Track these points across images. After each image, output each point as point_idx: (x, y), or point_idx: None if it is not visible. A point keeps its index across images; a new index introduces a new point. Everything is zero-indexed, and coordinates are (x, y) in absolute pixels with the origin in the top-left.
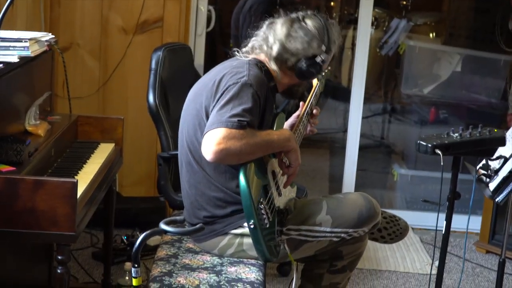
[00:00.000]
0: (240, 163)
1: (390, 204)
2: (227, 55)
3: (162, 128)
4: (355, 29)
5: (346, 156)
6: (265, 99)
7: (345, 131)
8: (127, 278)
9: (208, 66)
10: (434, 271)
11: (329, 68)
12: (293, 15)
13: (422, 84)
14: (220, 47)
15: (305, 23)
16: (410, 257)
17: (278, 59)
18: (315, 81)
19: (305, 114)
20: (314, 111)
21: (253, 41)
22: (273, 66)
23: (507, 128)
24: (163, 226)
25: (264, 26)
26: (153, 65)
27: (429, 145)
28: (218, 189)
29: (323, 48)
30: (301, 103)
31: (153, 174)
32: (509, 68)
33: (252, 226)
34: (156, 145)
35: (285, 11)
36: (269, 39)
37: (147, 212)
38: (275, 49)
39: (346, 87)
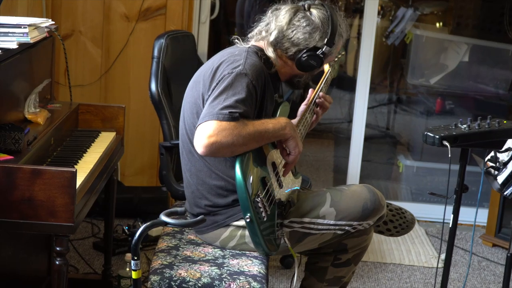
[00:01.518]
0: (234, 155)
1: (395, 196)
2: (231, 44)
3: (164, 117)
4: (361, 18)
5: (351, 146)
6: (264, 88)
7: (350, 121)
8: (127, 269)
9: (211, 54)
10: (441, 265)
11: (343, 53)
12: (300, 3)
13: (429, 74)
14: (224, 35)
15: (310, 13)
16: (415, 250)
17: (276, 46)
18: (326, 67)
19: (313, 102)
20: (317, 100)
21: (258, 27)
22: (270, 53)
23: None
24: (163, 217)
25: (269, 12)
26: (155, 53)
27: (437, 137)
28: (219, 177)
29: (325, 41)
30: (310, 90)
31: (156, 164)
32: None
33: (248, 220)
34: (158, 134)
35: None
36: (271, 26)
37: (149, 202)
38: (274, 35)
39: (352, 76)
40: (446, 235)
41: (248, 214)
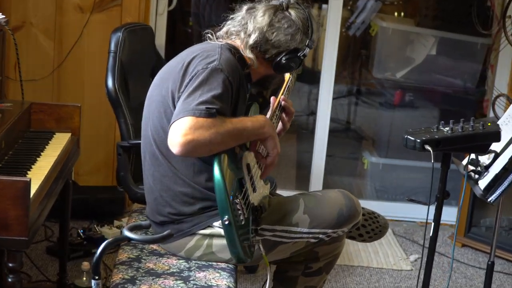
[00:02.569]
0: (210, 154)
1: (360, 194)
2: (187, 34)
3: (122, 115)
4: (319, 8)
5: (315, 141)
6: (238, 86)
7: (309, 114)
8: (84, 279)
9: (169, 46)
10: (410, 267)
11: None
12: (275, 2)
13: (395, 68)
14: (180, 25)
15: (289, 13)
16: (383, 251)
17: (256, 48)
18: (287, 75)
19: (278, 109)
20: (282, 103)
21: (229, 25)
22: (249, 54)
23: (483, 115)
24: (127, 233)
25: (243, 11)
26: (112, 47)
27: (418, 141)
28: (185, 183)
29: (307, 42)
30: (272, 98)
31: (112, 163)
32: (485, 52)
33: (226, 222)
34: (114, 131)
35: None
36: (248, 27)
37: (104, 202)
38: (253, 37)
39: (310, 68)
40: (413, 234)
41: (226, 216)
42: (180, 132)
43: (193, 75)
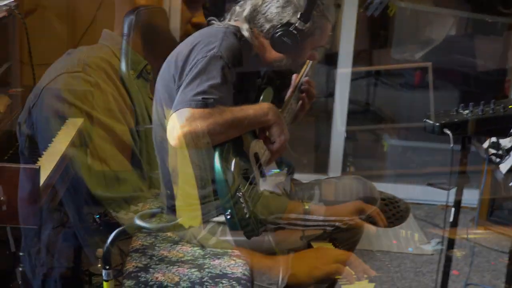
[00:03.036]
0: (211, 145)
1: (379, 177)
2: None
3: (136, 99)
4: None
5: (334, 123)
6: (242, 71)
7: (327, 96)
8: (99, 265)
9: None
10: (430, 252)
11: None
12: None
13: (414, 48)
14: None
15: None
16: (403, 236)
17: (251, 23)
18: None
19: (298, 88)
20: (302, 87)
21: (235, 6)
22: (245, 31)
23: (504, 96)
24: (137, 221)
25: None
26: (125, 30)
27: (437, 124)
28: (195, 166)
29: (298, 15)
30: (294, 75)
31: (127, 147)
32: (506, 31)
33: (229, 217)
34: (130, 116)
35: None
36: (246, 2)
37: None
38: (247, 10)
39: (328, 48)
40: (434, 217)
41: (229, 211)
42: (177, 124)
43: (193, 64)
